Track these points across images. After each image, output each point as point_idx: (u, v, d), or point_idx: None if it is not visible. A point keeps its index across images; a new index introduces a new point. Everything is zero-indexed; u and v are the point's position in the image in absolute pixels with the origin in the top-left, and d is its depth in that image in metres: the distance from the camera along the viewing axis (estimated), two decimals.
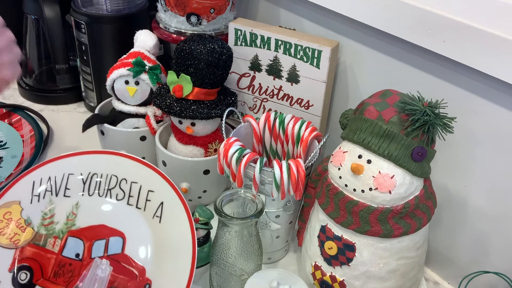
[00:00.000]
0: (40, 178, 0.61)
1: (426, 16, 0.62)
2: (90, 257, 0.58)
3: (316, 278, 0.63)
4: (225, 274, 0.63)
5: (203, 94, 0.73)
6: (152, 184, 0.60)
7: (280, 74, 0.80)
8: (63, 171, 0.61)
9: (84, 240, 0.59)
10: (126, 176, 0.61)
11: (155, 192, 0.60)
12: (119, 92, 0.81)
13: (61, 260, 0.58)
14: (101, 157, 0.62)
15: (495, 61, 0.57)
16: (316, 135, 0.70)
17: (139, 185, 0.60)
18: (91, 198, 0.60)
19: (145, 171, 0.61)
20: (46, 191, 0.60)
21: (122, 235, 0.58)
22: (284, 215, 0.69)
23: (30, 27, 1.05)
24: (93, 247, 0.58)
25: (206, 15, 0.83)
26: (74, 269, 0.57)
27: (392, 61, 0.71)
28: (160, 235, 0.58)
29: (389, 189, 0.55)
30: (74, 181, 0.61)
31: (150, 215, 0.59)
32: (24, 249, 0.58)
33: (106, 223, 0.59)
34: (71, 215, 0.60)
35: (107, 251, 0.58)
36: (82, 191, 0.61)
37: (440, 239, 0.72)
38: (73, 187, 0.61)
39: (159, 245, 0.58)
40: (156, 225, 0.59)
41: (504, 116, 0.60)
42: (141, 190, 0.60)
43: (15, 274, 0.57)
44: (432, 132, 0.55)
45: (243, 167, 0.64)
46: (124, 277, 0.56)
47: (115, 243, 0.58)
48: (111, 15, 0.93)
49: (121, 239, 0.58)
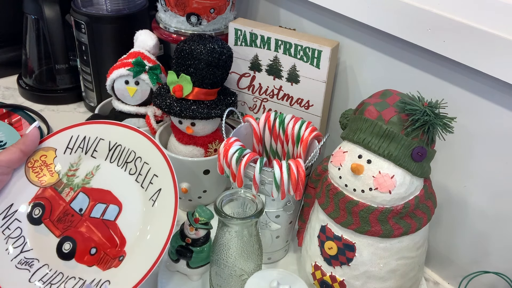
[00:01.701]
0: (77, 135, 0.68)
1: (426, 16, 0.62)
2: (89, 215, 0.63)
3: (316, 278, 0.63)
4: (225, 274, 0.63)
5: (203, 94, 0.73)
6: (159, 170, 0.64)
7: (280, 74, 0.80)
8: (97, 135, 0.68)
9: (90, 198, 0.64)
10: (142, 155, 0.65)
11: (159, 177, 0.64)
12: (119, 92, 0.81)
13: (68, 209, 0.64)
14: (129, 132, 0.67)
15: (495, 61, 0.57)
16: (316, 135, 0.70)
17: (149, 167, 0.65)
18: (110, 164, 0.66)
19: (157, 156, 0.65)
20: (79, 147, 0.67)
21: (120, 206, 0.63)
22: (284, 215, 0.69)
23: (30, 27, 1.05)
24: (94, 208, 0.64)
25: (206, 15, 0.83)
26: (73, 220, 0.63)
27: (392, 61, 0.71)
28: (148, 218, 0.62)
29: (389, 189, 0.55)
30: (103, 146, 0.67)
31: (148, 196, 0.63)
32: (45, 190, 0.65)
33: (112, 191, 0.64)
34: (90, 174, 0.66)
35: (103, 215, 0.63)
36: (106, 156, 0.67)
37: (440, 239, 0.72)
38: (100, 150, 0.67)
39: (144, 226, 0.62)
40: (150, 207, 0.63)
41: (504, 116, 0.60)
42: (149, 171, 0.64)
43: (32, 208, 0.64)
44: (432, 132, 0.55)
45: (243, 167, 0.64)
46: (107, 242, 0.62)
47: (112, 210, 0.63)
48: (111, 15, 0.93)
49: (118, 209, 0.63)
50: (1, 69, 1.17)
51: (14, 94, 1.11)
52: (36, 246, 0.63)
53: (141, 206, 0.63)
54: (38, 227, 0.63)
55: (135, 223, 0.62)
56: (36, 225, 0.64)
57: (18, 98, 1.10)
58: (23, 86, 1.10)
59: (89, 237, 0.62)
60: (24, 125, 0.99)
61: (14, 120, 1.01)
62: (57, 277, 0.61)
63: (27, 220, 0.64)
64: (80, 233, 0.63)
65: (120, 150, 0.66)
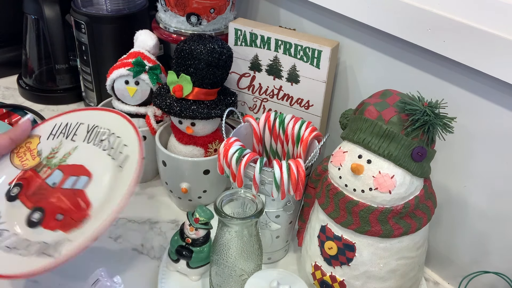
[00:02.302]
0: (61, 122, 0.73)
1: (426, 16, 0.62)
2: (61, 186, 0.67)
3: (316, 278, 0.63)
4: (225, 274, 0.63)
5: (203, 94, 0.73)
6: (129, 140, 0.68)
7: (280, 74, 0.80)
8: (78, 120, 0.72)
9: (64, 173, 0.68)
10: (116, 131, 0.69)
11: (128, 146, 0.67)
12: (119, 92, 0.81)
13: (42, 184, 0.68)
14: (106, 113, 0.72)
15: (495, 61, 0.57)
16: (316, 135, 0.70)
17: (120, 139, 0.68)
18: (87, 145, 0.70)
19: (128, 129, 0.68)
20: (61, 133, 0.72)
21: (90, 176, 0.67)
22: (284, 215, 0.69)
23: (30, 27, 1.05)
24: (66, 180, 0.67)
25: (206, 15, 0.83)
26: (46, 193, 0.67)
27: (392, 61, 0.71)
28: (115, 183, 0.65)
29: (389, 189, 0.55)
30: (82, 129, 0.71)
31: (117, 164, 0.66)
32: (26, 172, 0.70)
33: (85, 165, 0.68)
34: (68, 154, 0.70)
35: (73, 186, 0.67)
36: (84, 138, 0.71)
37: (440, 239, 0.72)
38: (79, 134, 0.71)
39: (111, 190, 0.64)
40: (117, 173, 0.65)
41: (504, 116, 0.60)
42: (120, 143, 0.68)
43: (11, 187, 0.69)
44: (432, 132, 0.55)
45: (243, 167, 0.64)
46: (73, 208, 0.65)
47: (82, 181, 0.67)
48: (111, 15, 0.93)
49: (87, 178, 0.67)
50: (1, 69, 1.17)
51: (14, 94, 1.11)
52: (9, 219, 0.66)
53: (109, 174, 0.66)
54: (13, 202, 0.67)
55: (102, 189, 0.65)
56: (12, 201, 0.67)
57: (18, 98, 1.10)
58: (23, 86, 1.10)
59: (58, 206, 0.65)
60: None
61: (14, 120, 1.01)
62: (23, 243, 0.63)
63: (4, 198, 0.68)
64: (50, 202, 0.66)
65: (97, 131, 0.70)
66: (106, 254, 0.74)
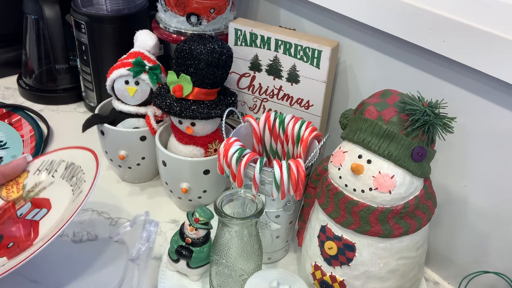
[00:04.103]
0: (48, 159, 0.76)
1: (426, 16, 0.62)
2: (24, 218, 0.70)
3: (316, 278, 0.63)
4: (225, 274, 0.63)
5: (203, 94, 0.73)
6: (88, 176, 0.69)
7: (280, 74, 0.80)
8: (60, 157, 0.75)
9: (32, 205, 0.72)
10: (84, 168, 0.72)
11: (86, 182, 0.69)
12: (119, 92, 0.81)
13: (12, 214, 0.72)
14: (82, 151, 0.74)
15: (495, 61, 0.57)
16: (316, 135, 0.70)
17: (84, 176, 0.70)
18: (61, 180, 0.73)
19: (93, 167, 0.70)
20: (45, 169, 0.75)
21: (50, 208, 0.70)
22: (284, 215, 0.69)
23: (30, 27, 1.05)
24: (30, 212, 0.71)
25: (206, 15, 0.83)
26: (11, 222, 0.71)
27: (392, 61, 0.71)
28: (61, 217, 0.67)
29: (389, 189, 0.55)
30: (62, 166, 0.75)
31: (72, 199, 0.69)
32: (8, 203, 0.73)
33: (51, 198, 0.71)
34: (43, 188, 0.73)
35: (34, 217, 0.70)
36: (61, 175, 0.74)
37: (440, 239, 0.72)
38: (59, 170, 0.74)
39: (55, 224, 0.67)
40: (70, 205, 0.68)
41: (504, 116, 0.60)
42: (82, 179, 0.70)
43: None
44: (432, 132, 0.55)
45: (243, 167, 0.64)
46: (23, 237, 0.68)
47: (41, 213, 0.70)
48: (111, 15, 0.93)
49: (46, 210, 0.70)
50: (1, 69, 1.17)
51: (14, 94, 1.11)
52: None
53: (63, 208, 0.68)
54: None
55: (51, 220, 0.68)
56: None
57: (18, 98, 1.10)
58: (23, 86, 1.10)
59: (13, 235, 0.69)
60: (24, 125, 1.00)
61: (14, 120, 1.01)
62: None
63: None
64: (10, 231, 0.69)
65: (73, 168, 0.73)
66: (106, 254, 0.74)
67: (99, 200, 0.83)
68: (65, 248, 0.74)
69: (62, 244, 0.75)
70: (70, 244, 0.75)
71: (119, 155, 0.82)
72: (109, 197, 0.85)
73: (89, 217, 0.80)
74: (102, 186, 0.87)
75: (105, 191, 0.85)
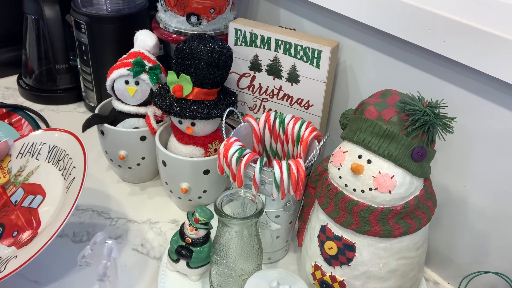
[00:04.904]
0: (28, 142, 0.78)
1: (426, 16, 0.62)
2: (20, 205, 0.72)
3: (316, 278, 0.63)
4: (225, 274, 0.63)
5: (203, 94, 0.73)
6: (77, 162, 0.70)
7: (280, 74, 0.80)
8: (42, 140, 0.77)
9: (25, 191, 0.73)
10: (70, 152, 0.73)
11: (76, 168, 0.70)
12: (119, 92, 0.81)
13: (7, 201, 0.73)
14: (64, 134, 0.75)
15: (495, 61, 0.57)
16: (316, 135, 0.70)
17: (72, 161, 0.71)
18: (47, 164, 0.74)
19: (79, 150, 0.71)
20: (27, 152, 0.77)
21: (44, 195, 0.71)
22: (284, 215, 0.69)
23: (30, 27, 1.05)
24: (25, 199, 0.72)
25: (206, 15, 0.83)
26: (8, 210, 0.72)
27: (392, 61, 0.71)
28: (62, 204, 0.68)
29: (389, 189, 0.55)
30: (45, 149, 0.76)
31: (66, 185, 0.70)
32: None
33: (42, 184, 0.73)
34: (31, 173, 0.75)
35: (30, 204, 0.71)
36: (46, 158, 0.75)
37: (440, 239, 0.72)
38: (43, 153, 0.76)
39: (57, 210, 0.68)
40: (64, 194, 0.69)
41: (504, 116, 0.60)
42: (71, 164, 0.71)
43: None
44: (432, 132, 0.55)
45: (243, 167, 0.64)
46: (26, 226, 0.69)
47: (37, 200, 0.71)
48: (111, 15, 0.93)
49: (42, 198, 0.71)
50: (1, 69, 1.17)
51: (14, 94, 1.11)
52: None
53: (59, 195, 0.70)
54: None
55: (51, 208, 0.69)
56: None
57: (18, 98, 1.10)
58: (23, 86, 1.10)
59: (15, 223, 0.70)
60: (24, 125, 1.00)
61: (14, 120, 1.01)
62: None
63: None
64: (10, 219, 0.70)
65: (56, 151, 0.75)
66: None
67: (99, 200, 0.83)
68: (65, 248, 0.74)
69: (62, 244, 0.75)
70: (70, 244, 0.75)
71: (119, 155, 0.82)
72: (109, 197, 0.85)
73: (89, 217, 0.80)
74: (102, 186, 0.87)
75: (105, 191, 0.86)
